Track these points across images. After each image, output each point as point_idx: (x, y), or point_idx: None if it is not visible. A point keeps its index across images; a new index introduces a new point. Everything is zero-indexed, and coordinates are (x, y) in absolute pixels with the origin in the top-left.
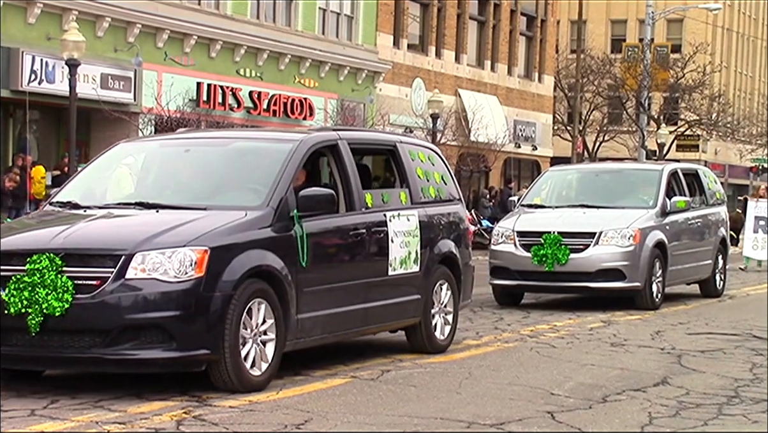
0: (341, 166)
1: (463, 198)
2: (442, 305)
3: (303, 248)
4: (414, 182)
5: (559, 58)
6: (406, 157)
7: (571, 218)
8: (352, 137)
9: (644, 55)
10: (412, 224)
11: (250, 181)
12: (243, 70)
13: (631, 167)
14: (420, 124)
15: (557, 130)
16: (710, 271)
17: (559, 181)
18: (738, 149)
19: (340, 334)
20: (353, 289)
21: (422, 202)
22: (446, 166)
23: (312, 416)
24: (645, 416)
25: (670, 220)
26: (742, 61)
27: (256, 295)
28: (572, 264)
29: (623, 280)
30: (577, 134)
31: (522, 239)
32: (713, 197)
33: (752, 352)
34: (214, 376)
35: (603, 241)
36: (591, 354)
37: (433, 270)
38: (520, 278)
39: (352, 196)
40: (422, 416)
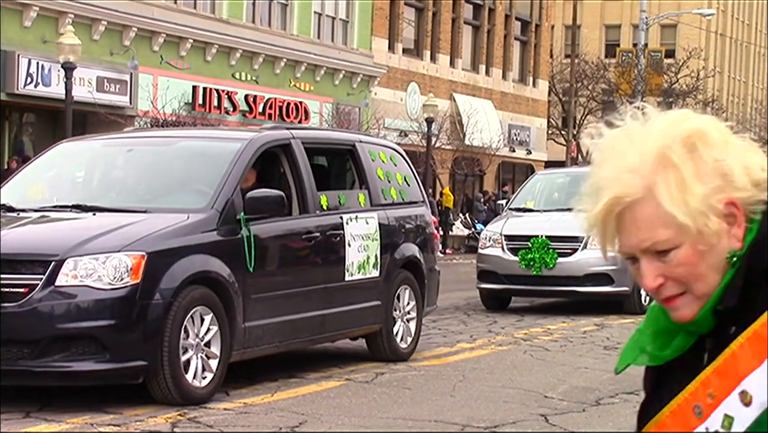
0: (294, 167)
1: (428, 200)
2: (405, 312)
3: (250, 252)
4: (374, 184)
5: (554, 62)
6: (365, 157)
7: (559, 222)
8: (306, 136)
9: (638, 60)
10: (372, 227)
11: (194, 182)
12: (238, 73)
13: None
14: (415, 128)
15: (551, 135)
16: None
17: (549, 185)
18: None
19: (294, 342)
20: (307, 295)
21: (383, 204)
22: (410, 167)
23: (306, 418)
24: None
25: None
26: (735, 67)
27: (198, 302)
28: (560, 268)
29: (611, 284)
30: (571, 138)
31: (510, 243)
32: None
33: None
34: (152, 388)
35: (591, 245)
36: (584, 357)
37: (395, 275)
38: (507, 282)
39: (305, 197)
40: (416, 419)
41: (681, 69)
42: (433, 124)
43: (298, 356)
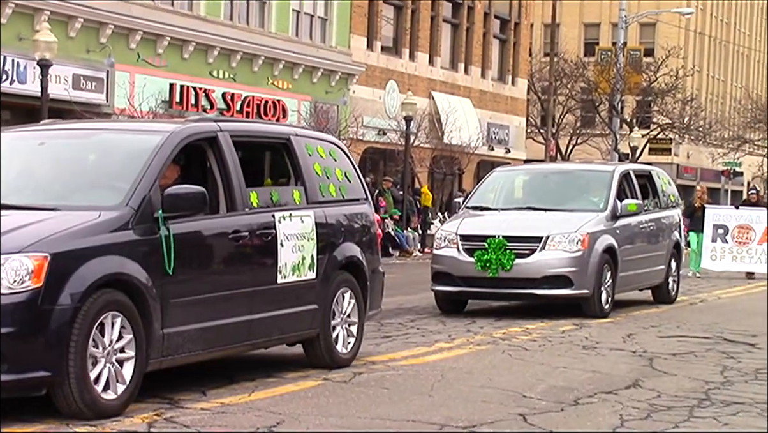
0: (221, 162)
1: (371, 197)
2: (345, 316)
3: (169, 253)
4: (310, 179)
5: (533, 61)
6: (301, 151)
7: (517, 222)
8: (235, 129)
9: (617, 59)
10: (307, 226)
11: (109, 178)
12: (216, 71)
13: (581, 168)
14: (393, 127)
15: (530, 133)
16: (663, 276)
17: (507, 183)
18: (710, 153)
19: (219, 349)
20: (234, 299)
21: (320, 201)
22: (351, 163)
23: (284, 418)
24: (616, 418)
25: (621, 223)
26: (714, 65)
27: (109, 307)
28: (517, 270)
29: (571, 287)
30: (550, 137)
31: (465, 243)
32: (667, 200)
33: (723, 355)
34: (57, 401)
35: (550, 246)
36: (563, 357)
37: (333, 277)
38: (462, 285)
39: (233, 194)
40: (394, 419)
41: (660, 68)
42: (411, 123)
43: (276, 356)
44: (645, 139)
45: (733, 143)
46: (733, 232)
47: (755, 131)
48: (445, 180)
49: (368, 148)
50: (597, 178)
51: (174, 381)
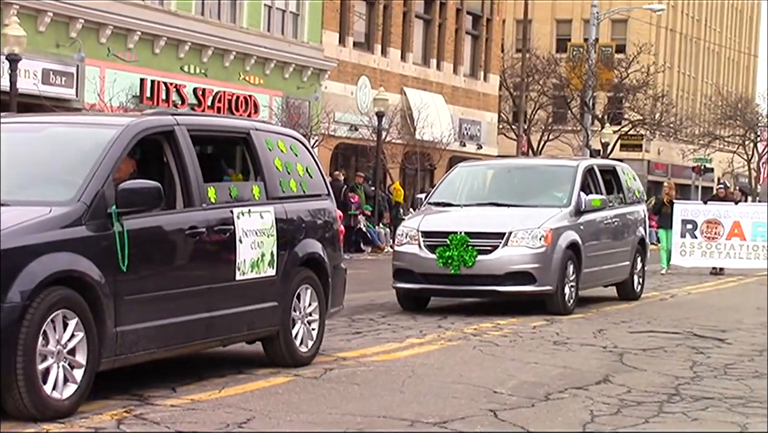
0: (178, 156)
1: (332, 193)
2: (306, 313)
3: (123, 249)
4: (270, 175)
5: (505, 57)
6: (261, 146)
7: (479, 218)
8: (193, 123)
9: (589, 55)
10: (267, 222)
11: (62, 173)
12: (187, 66)
13: (544, 163)
14: (365, 122)
15: (502, 129)
16: (628, 273)
17: (470, 178)
18: (681, 149)
19: (176, 347)
20: (191, 296)
21: (280, 197)
22: (313, 158)
23: (254, 414)
24: (587, 413)
25: (584, 219)
26: (685, 62)
27: (60, 305)
28: (479, 266)
29: (534, 283)
30: (521, 133)
31: (427, 240)
32: (632, 195)
33: (693, 350)
34: (5, 400)
35: (512, 242)
36: (534, 352)
37: (294, 274)
38: (424, 282)
39: (190, 190)
40: (365, 415)
41: (631, 64)
42: (383, 119)
43: (247, 352)
44: (616, 135)
45: (703, 140)
46: (701, 227)
47: (725, 128)
48: (417, 176)
49: (340, 144)
50: (561, 174)
51: (143, 378)
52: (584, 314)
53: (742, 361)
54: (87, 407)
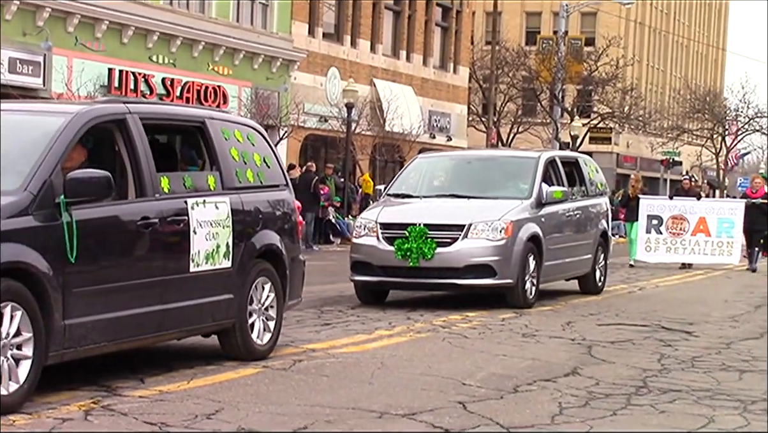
0: (130, 145)
1: (291, 184)
2: (262, 306)
3: (71, 240)
4: (226, 165)
5: (474, 49)
6: (217, 135)
7: (438, 209)
8: (146, 111)
9: (558, 48)
10: (222, 213)
11: (8, 161)
12: (156, 56)
13: (505, 155)
14: (335, 114)
15: (472, 121)
16: (590, 266)
17: (430, 169)
18: (650, 142)
19: (127, 341)
20: (143, 289)
21: (236, 187)
22: (271, 148)
23: (223, 405)
24: (555, 405)
25: (546, 211)
26: (654, 56)
27: (5, 298)
28: (439, 259)
29: (494, 276)
30: (491, 125)
31: (385, 232)
32: (594, 188)
33: (660, 343)
34: None
35: (472, 234)
36: (503, 345)
37: (250, 266)
38: (382, 274)
39: (143, 179)
40: (334, 406)
41: (600, 57)
42: (353, 110)
43: (216, 344)
44: (585, 128)
45: (672, 133)
46: (667, 223)
47: (694, 121)
48: (386, 168)
49: (309, 135)
50: (522, 165)
51: (111, 369)
52: (553, 306)
53: (710, 354)
54: (54, 397)
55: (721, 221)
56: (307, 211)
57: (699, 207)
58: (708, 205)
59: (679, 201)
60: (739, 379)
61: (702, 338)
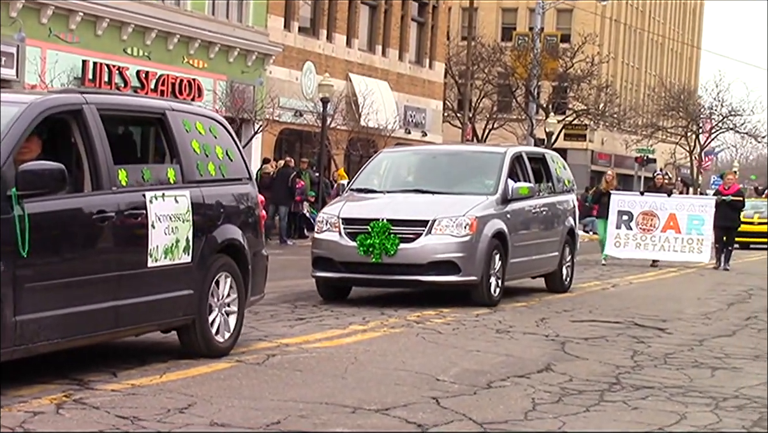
0: (87, 136)
1: (254, 177)
2: (224, 302)
3: (23, 234)
4: (187, 157)
5: (450, 44)
6: (177, 127)
7: (402, 205)
8: (103, 102)
9: (534, 44)
10: (182, 207)
11: None
12: (130, 48)
13: (471, 150)
14: (310, 108)
15: (447, 117)
16: (556, 264)
17: (395, 164)
18: (624, 139)
19: (82, 337)
20: (98, 284)
21: (198, 180)
22: (233, 140)
23: (196, 400)
24: (528, 402)
25: (512, 208)
26: (629, 53)
27: None
28: (402, 255)
29: (458, 273)
30: (466, 121)
31: (348, 227)
32: (561, 184)
33: (634, 339)
34: None
35: (436, 230)
36: (477, 340)
37: (211, 261)
38: (345, 271)
39: (99, 172)
40: (307, 401)
41: (576, 54)
42: (328, 105)
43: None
44: (561, 124)
45: (646, 130)
46: (637, 218)
47: (668, 119)
48: (361, 162)
49: (284, 130)
50: (488, 161)
51: (83, 362)
52: (527, 302)
53: (682, 351)
54: (26, 391)
55: (692, 217)
56: (283, 206)
57: (669, 203)
58: (678, 201)
59: (650, 197)
60: (712, 376)
61: (675, 335)
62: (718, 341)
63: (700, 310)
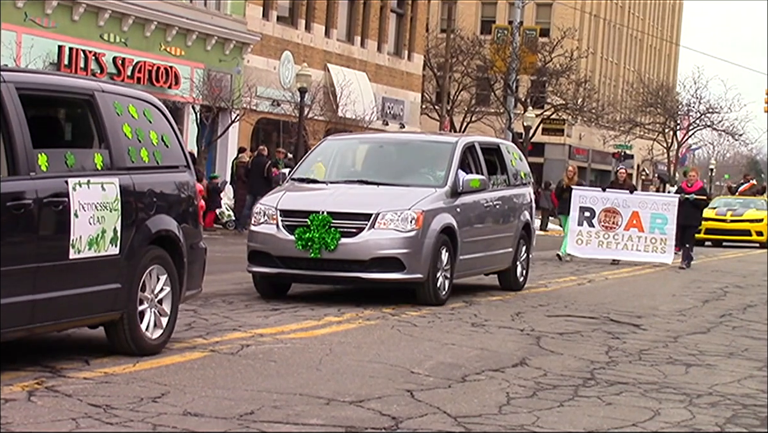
0: (3, 118)
1: (192, 165)
2: (155, 297)
3: None
4: (117, 142)
5: (429, 36)
6: (107, 110)
7: (344, 196)
8: (24, 81)
9: (513, 38)
10: (110, 195)
11: None
12: (107, 35)
13: (421, 139)
14: (288, 98)
15: (425, 109)
16: (510, 260)
17: (340, 153)
18: (602, 135)
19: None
20: (11, 276)
21: (128, 167)
22: (171, 125)
23: (169, 389)
24: (503, 396)
25: (462, 201)
26: (608, 48)
27: None
28: (343, 251)
29: (402, 271)
30: (444, 114)
31: (285, 220)
32: (517, 177)
33: (608, 335)
34: None
35: (380, 224)
36: (452, 334)
37: (142, 253)
38: (281, 266)
39: (16, 156)
40: (281, 392)
41: (555, 48)
42: (306, 95)
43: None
44: (539, 119)
45: (624, 126)
46: (599, 216)
47: (646, 115)
48: None
49: (261, 119)
50: (437, 151)
51: (56, 350)
52: (502, 297)
53: (657, 347)
54: None
55: (655, 216)
56: (261, 196)
57: (632, 201)
58: (641, 199)
59: (612, 194)
60: (686, 373)
61: (650, 331)
62: (693, 338)
63: (675, 307)
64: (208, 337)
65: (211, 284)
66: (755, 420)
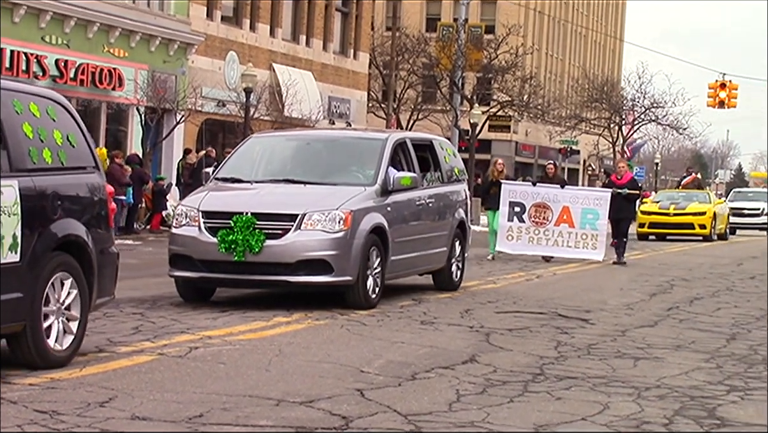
0: None
1: (102, 166)
2: (62, 306)
3: None
4: (16, 142)
5: (375, 35)
6: (6, 108)
7: (269, 197)
8: None
9: (458, 35)
10: (8, 198)
11: None
12: (48, 37)
13: (350, 135)
14: (233, 98)
15: (372, 108)
16: (444, 260)
17: (266, 151)
18: (548, 131)
19: None
20: None
21: (29, 169)
22: (77, 124)
23: (117, 393)
24: (453, 393)
25: (393, 200)
26: (553, 44)
27: None
28: (268, 253)
29: (330, 273)
30: (391, 112)
31: (208, 221)
32: (451, 174)
33: (557, 330)
34: None
35: (306, 225)
36: (401, 332)
37: (46, 260)
38: (204, 270)
39: None
40: (231, 394)
41: (500, 45)
42: (251, 95)
43: (105, 330)
44: (485, 116)
45: (570, 122)
46: (530, 211)
47: (591, 110)
48: None
49: (207, 120)
50: (366, 148)
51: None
52: (451, 294)
53: (605, 341)
54: None
55: (585, 211)
56: None
57: (563, 195)
58: (573, 193)
59: (543, 188)
60: (634, 366)
61: (598, 325)
62: (641, 331)
63: (623, 300)
64: (155, 340)
65: (158, 287)
66: (703, 412)
